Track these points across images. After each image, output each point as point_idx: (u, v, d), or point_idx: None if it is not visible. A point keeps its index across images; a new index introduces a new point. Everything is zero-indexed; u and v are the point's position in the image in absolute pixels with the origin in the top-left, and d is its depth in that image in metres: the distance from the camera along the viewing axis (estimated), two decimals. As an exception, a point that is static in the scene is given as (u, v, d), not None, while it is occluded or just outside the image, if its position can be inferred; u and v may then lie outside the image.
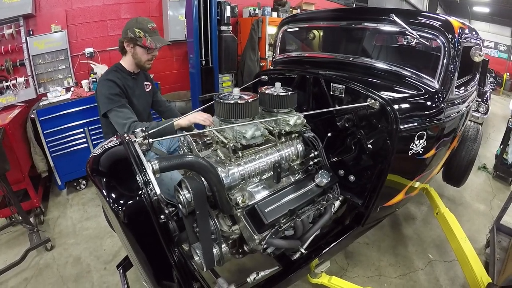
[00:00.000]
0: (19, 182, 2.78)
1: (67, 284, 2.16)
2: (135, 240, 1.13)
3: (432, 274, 2.29)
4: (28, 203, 2.82)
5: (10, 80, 3.28)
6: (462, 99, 2.00)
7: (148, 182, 1.05)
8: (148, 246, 1.14)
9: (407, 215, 2.99)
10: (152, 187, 1.05)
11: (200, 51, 3.56)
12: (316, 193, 1.55)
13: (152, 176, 1.06)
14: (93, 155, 1.25)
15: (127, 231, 1.10)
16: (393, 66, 1.85)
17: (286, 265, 1.62)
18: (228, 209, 1.33)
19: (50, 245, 2.50)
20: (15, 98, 3.30)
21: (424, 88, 1.71)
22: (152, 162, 1.10)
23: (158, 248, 1.14)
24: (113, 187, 1.13)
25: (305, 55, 2.45)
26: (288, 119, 1.54)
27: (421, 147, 1.63)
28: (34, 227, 2.56)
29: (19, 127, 2.95)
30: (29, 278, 2.21)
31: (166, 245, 1.10)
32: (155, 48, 1.81)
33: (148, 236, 1.12)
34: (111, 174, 1.19)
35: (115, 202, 1.08)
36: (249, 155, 1.46)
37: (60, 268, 2.31)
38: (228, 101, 1.37)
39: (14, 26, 3.25)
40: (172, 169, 1.15)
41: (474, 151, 2.85)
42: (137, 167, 1.08)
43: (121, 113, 1.73)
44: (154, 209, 1.04)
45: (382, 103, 1.47)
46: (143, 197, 1.04)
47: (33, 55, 3.36)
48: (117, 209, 1.07)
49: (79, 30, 3.64)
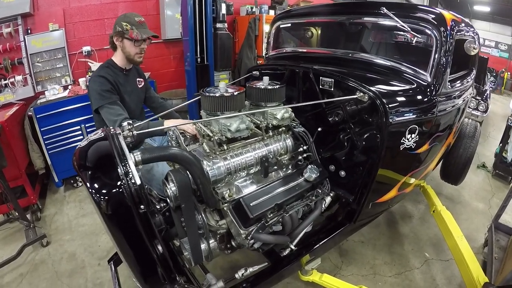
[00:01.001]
0: (16, 178, 2.78)
1: (61, 279, 2.16)
2: (117, 232, 1.10)
3: (428, 273, 2.24)
4: (25, 200, 2.82)
5: (8, 78, 3.29)
6: (457, 93, 1.96)
7: (128, 172, 1.03)
8: (131, 238, 1.12)
9: (404, 213, 2.94)
10: (132, 177, 1.02)
11: (195, 49, 3.54)
12: (304, 188, 1.51)
13: (133, 166, 1.04)
14: (79, 147, 1.25)
15: (108, 222, 1.08)
16: (386, 61, 1.81)
17: (275, 261, 1.58)
18: (213, 203, 1.30)
19: (46, 241, 2.50)
20: (13, 96, 3.31)
21: (416, 82, 1.67)
22: (134, 153, 1.09)
23: (141, 241, 1.11)
24: (96, 178, 1.11)
25: (298, 51, 2.41)
26: (275, 113, 1.51)
27: (413, 142, 1.59)
28: (31, 223, 2.56)
29: (16, 124, 2.95)
30: (24, 274, 2.22)
31: (148, 237, 1.08)
32: (141, 39, 1.79)
33: (130, 228, 1.09)
34: (95, 165, 1.17)
35: (97, 192, 1.06)
36: (236, 148, 1.43)
37: (55, 263, 2.31)
38: (213, 94, 1.34)
39: (12, 25, 3.26)
40: (155, 160, 1.13)
41: (472, 149, 2.80)
42: (119, 158, 1.06)
43: (112, 110, 1.72)
44: (133, 200, 1.02)
45: (371, 96, 1.43)
46: (123, 187, 1.02)
47: (31, 54, 3.37)
48: (99, 199, 1.05)
49: (76, 28, 3.64)
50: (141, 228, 1.06)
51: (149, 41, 1.89)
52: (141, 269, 1.19)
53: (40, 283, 2.14)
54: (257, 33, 4.47)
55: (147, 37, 1.80)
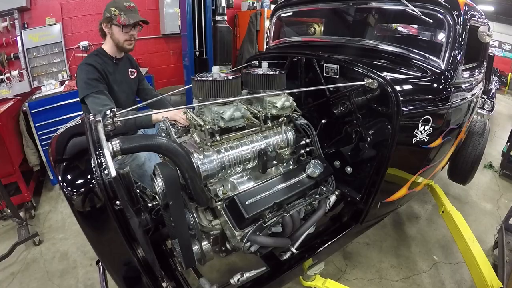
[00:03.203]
0: (10, 175, 2.66)
1: (52, 279, 2.06)
2: (91, 232, 0.95)
3: (437, 277, 2.09)
4: (19, 197, 2.71)
5: (4, 74, 3.17)
6: (469, 85, 1.78)
7: (101, 164, 0.86)
8: (107, 240, 0.96)
9: (410, 214, 2.77)
10: (107, 168, 0.86)
11: (194, 42, 3.37)
12: (307, 185, 1.33)
13: (109, 156, 0.88)
14: (55, 136, 1.12)
15: (81, 221, 0.93)
16: (395, 47, 1.63)
17: (274, 266, 1.41)
18: (204, 201, 1.13)
19: (38, 239, 2.39)
20: (9, 91, 3.19)
21: (429, 70, 1.50)
22: (112, 142, 0.93)
23: (119, 244, 0.95)
24: (69, 170, 0.95)
25: (301, 40, 2.22)
26: (274, 101, 1.32)
27: (426, 135, 1.41)
28: (23, 221, 2.45)
29: (11, 119, 2.83)
30: (15, 273, 2.12)
31: (126, 237, 0.91)
32: (129, 24, 1.64)
33: (105, 227, 0.93)
34: (70, 156, 1.02)
35: (68, 186, 0.90)
36: (230, 140, 1.26)
37: (47, 263, 2.21)
38: (206, 79, 1.17)
39: (9, 19, 3.14)
40: (137, 150, 0.96)
41: (481, 147, 2.64)
42: (93, 148, 0.90)
43: (98, 100, 1.58)
44: (108, 194, 0.85)
45: (381, 82, 1.25)
46: (96, 180, 0.85)
47: (28, 48, 3.25)
48: (70, 194, 0.89)
49: (74, 23, 3.52)
50: (118, 228, 0.89)
51: (139, 28, 1.75)
52: (121, 275, 1.03)
53: (31, 283, 2.03)
54: (259, 28, 4.29)
55: (135, 22, 1.65)
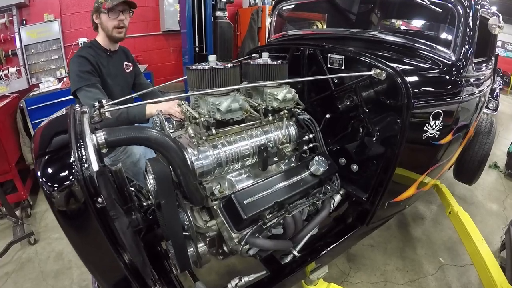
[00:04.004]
0: (5, 173, 2.58)
1: (46, 280, 1.99)
2: (71, 233, 0.84)
3: (443, 280, 2.00)
4: (16, 195, 2.64)
5: (2, 70, 3.10)
6: (479, 80, 1.68)
7: (82, 157, 0.77)
8: (89, 241, 0.86)
9: (415, 215, 2.68)
10: (88, 162, 0.76)
11: (193, 38, 3.27)
12: (310, 184, 1.23)
13: (92, 149, 0.78)
14: (38, 128, 1.01)
15: (61, 221, 0.82)
16: (403, 39, 1.53)
17: (275, 270, 1.31)
18: (198, 199, 1.04)
19: (34, 238, 2.32)
20: (7, 88, 3.11)
21: (439, 61, 1.40)
22: (97, 133, 0.83)
23: (103, 246, 0.85)
24: (50, 164, 0.85)
25: (302, 33, 2.12)
26: (275, 93, 1.22)
27: (437, 130, 1.31)
28: (19, 220, 2.39)
29: (7, 117, 2.77)
30: (10, 273, 2.06)
31: (109, 239, 0.81)
32: (113, 7, 1.55)
33: (86, 228, 0.83)
34: (52, 149, 0.92)
35: (47, 182, 0.79)
36: (228, 134, 1.16)
37: (42, 263, 2.14)
38: (201, 67, 1.08)
39: (7, 15, 3.08)
40: (124, 143, 0.87)
41: (488, 145, 2.55)
42: (75, 139, 0.80)
43: (90, 93, 1.49)
44: (88, 191, 0.76)
45: (390, 73, 1.16)
46: (75, 176, 0.76)
47: (26, 45, 3.18)
48: (49, 191, 0.79)
49: (72, 19, 3.43)
50: (100, 228, 0.80)
51: (130, 14, 1.67)
52: (107, 280, 0.93)
53: (25, 283, 1.96)
54: (260, 25, 4.18)
55: (118, 2, 1.55)
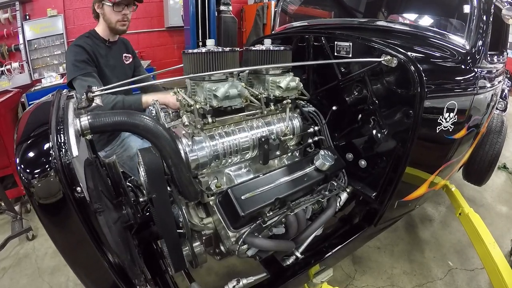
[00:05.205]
0: (5, 167, 2.56)
1: (42, 276, 1.96)
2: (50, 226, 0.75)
3: (452, 284, 1.90)
4: (15, 190, 2.61)
5: (4, 65, 3.10)
6: (493, 72, 1.58)
7: (61, 143, 0.68)
8: (69, 237, 0.76)
9: (423, 216, 2.56)
10: (68, 148, 0.67)
11: (197, 33, 3.19)
12: (315, 180, 1.12)
13: (73, 135, 0.70)
14: (23, 114, 0.94)
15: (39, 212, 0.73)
16: (413, 28, 1.44)
17: (276, 272, 1.20)
18: (192, 194, 0.94)
19: (32, 234, 2.29)
20: (10, 83, 3.10)
21: (453, 49, 1.30)
22: (81, 117, 0.75)
23: (84, 242, 0.76)
24: (29, 151, 0.76)
25: (307, 24, 2.02)
26: (278, 80, 1.12)
27: (451, 123, 1.21)
28: (18, 215, 2.37)
29: (9, 111, 2.75)
30: (7, 268, 2.03)
31: (90, 233, 0.72)
32: (119, 1, 1.51)
33: (64, 221, 0.74)
34: (33, 135, 0.83)
35: (25, 171, 0.70)
36: (226, 125, 1.07)
37: (39, 259, 2.11)
38: (198, 51, 0.99)
39: (10, 10, 3.07)
40: (110, 129, 0.77)
41: (499, 145, 2.43)
42: (55, 123, 0.72)
43: (85, 82, 1.43)
44: (66, 180, 0.67)
45: (402, 59, 1.06)
46: (53, 163, 0.67)
47: (29, 40, 3.16)
48: (27, 179, 0.69)
49: (76, 15, 3.40)
50: (80, 221, 0.70)
51: (134, 8, 1.63)
52: (90, 281, 0.84)
53: (21, 279, 1.93)
54: (265, 21, 4.10)
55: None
